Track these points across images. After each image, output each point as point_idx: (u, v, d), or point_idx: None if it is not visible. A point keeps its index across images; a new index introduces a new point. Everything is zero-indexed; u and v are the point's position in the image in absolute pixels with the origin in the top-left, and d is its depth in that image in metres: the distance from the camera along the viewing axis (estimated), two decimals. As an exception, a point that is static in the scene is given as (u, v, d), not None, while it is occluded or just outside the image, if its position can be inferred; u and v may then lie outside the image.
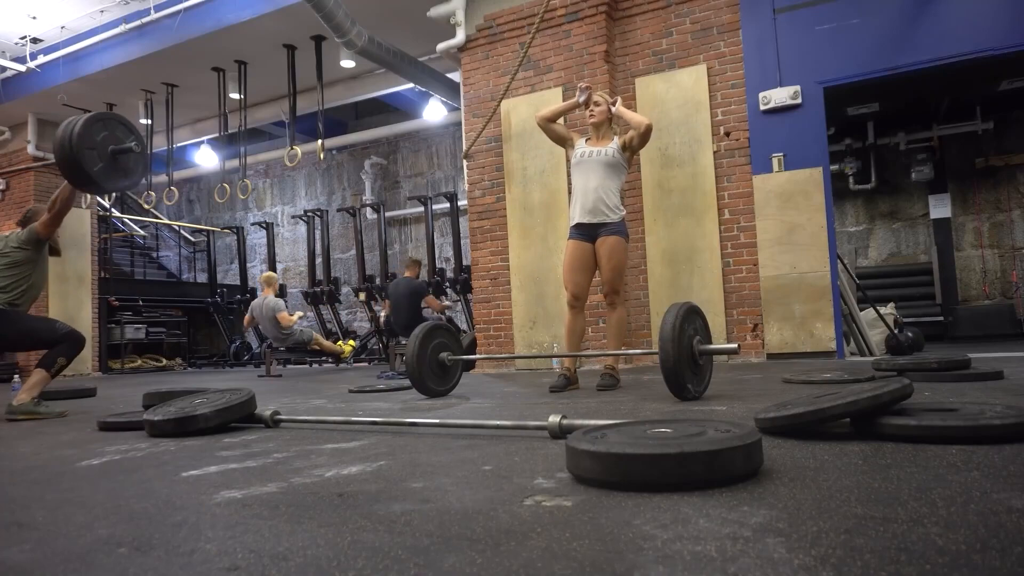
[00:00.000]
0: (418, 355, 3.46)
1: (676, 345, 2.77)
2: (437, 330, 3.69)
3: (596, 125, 3.74)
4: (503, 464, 1.68)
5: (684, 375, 2.81)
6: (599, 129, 3.75)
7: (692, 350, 2.90)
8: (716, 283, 5.57)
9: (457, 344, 3.80)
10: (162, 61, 8.05)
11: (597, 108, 3.73)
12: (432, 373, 3.58)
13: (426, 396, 3.59)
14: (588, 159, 3.68)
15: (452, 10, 6.50)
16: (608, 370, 3.68)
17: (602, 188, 3.63)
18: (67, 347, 3.85)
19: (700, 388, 2.96)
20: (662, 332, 2.81)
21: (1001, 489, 1.21)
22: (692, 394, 2.85)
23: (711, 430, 1.48)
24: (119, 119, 3.79)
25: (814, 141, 5.40)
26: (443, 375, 3.68)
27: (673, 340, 2.77)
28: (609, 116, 3.74)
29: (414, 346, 3.47)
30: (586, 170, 3.68)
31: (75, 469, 1.95)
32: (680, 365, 2.78)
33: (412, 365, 3.45)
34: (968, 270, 9.15)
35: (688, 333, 2.90)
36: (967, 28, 5.01)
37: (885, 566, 0.86)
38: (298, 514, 1.29)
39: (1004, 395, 2.53)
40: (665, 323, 2.83)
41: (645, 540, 1.02)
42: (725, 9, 5.67)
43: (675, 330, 2.79)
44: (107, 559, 1.08)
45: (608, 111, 3.73)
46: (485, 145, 6.34)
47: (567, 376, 3.68)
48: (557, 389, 3.58)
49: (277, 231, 12.72)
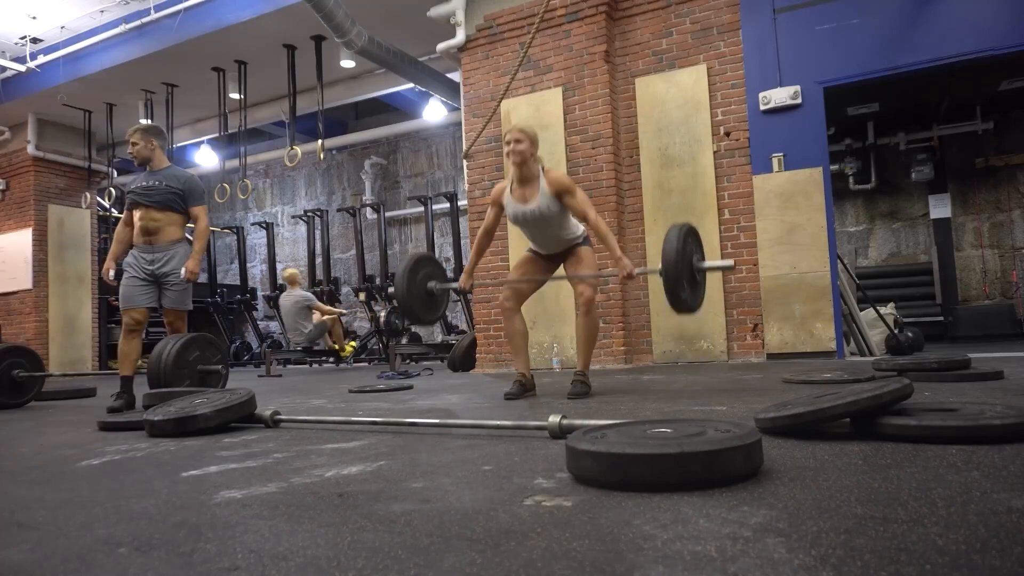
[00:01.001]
0: (407, 285, 3.58)
1: (679, 259, 2.95)
2: (424, 260, 3.80)
3: (518, 166, 3.31)
4: (503, 464, 1.68)
5: (683, 288, 3.00)
6: (521, 170, 3.32)
7: (692, 266, 3.07)
8: (716, 283, 5.57)
9: (443, 274, 3.91)
10: (162, 61, 8.05)
11: (519, 146, 3.26)
12: (421, 303, 3.69)
13: (416, 324, 3.74)
14: (524, 219, 3.36)
15: (452, 10, 6.50)
16: (579, 376, 3.35)
17: (553, 235, 3.41)
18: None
19: (696, 302, 3.16)
20: (666, 248, 2.99)
21: (1001, 489, 1.21)
22: (688, 306, 3.04)
23: (711, 430, 1.48)
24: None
25: (814, 141, 5.40)
26: (431, 304, 3.79)
27: (676, 253, 2.94)
28: (533, 153, 3.31)
29: (403, 276, 3.59)
30: (526, 226, 3.41)
31: (75, 469, 1.95)
32: (680, 278, 2.97)
33: (402, 294, 3.56)
34: (968, 270, 9.15)
35: (690, 250, 3.07)
36: (967, 28, 5.01)
37: (885, 566, 0.86)
38: (298, 514, 1.29)
39: (1004, 395, 2.53)
40: (669, 240, 2.99)
41: (645, 540, 1.02)
42: (725, 9, 5.67)
43: (679, 245, 2.96)
44: (107, 559, 1.08)
45: (529, 151, 3.27)
46: (485, 145, 6.34)
47: (522, 382, 3.42)
48: (512, 396, 3.35)
49: (277, 231, 12.72)
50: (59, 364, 9.50)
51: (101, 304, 10.33)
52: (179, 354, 3.63)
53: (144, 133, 4.07)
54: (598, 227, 3.30)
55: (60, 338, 9.62)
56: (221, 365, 3.81)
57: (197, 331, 4.06)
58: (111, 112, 9.40)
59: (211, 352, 3.83)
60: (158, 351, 3.66)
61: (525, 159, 3.30)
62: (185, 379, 3.62)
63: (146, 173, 4.10)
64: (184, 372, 3.63)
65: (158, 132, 4.23)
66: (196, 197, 4.14)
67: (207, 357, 3.79)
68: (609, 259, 3.39)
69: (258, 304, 11.65)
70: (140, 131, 4.08)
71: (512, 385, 3.43)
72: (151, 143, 4.06)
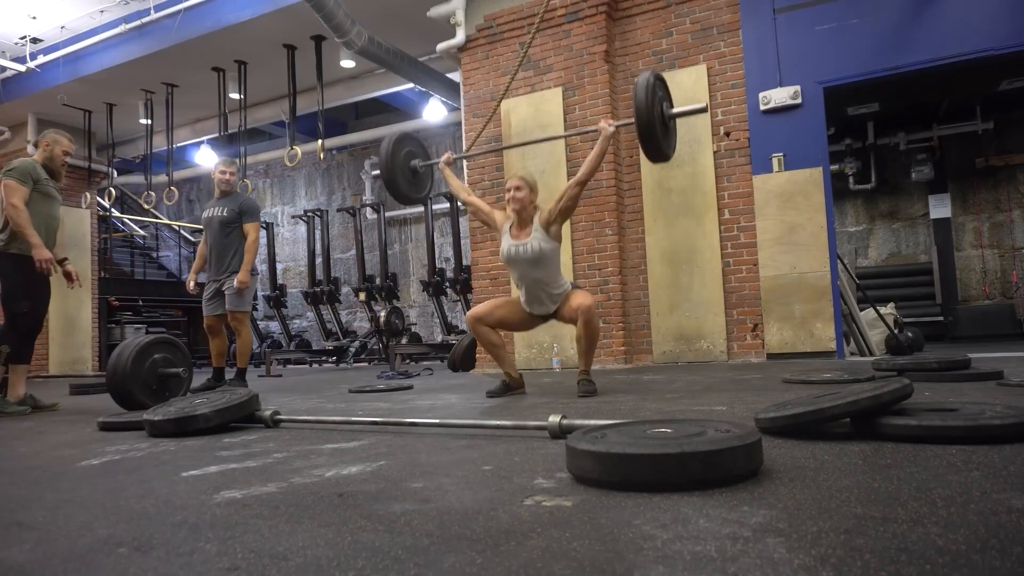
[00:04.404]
0: (391, 160, 3.70)
1: (648, 106, 3.20)
2: (407, 138, 3.92)
3: (517, 212, 3.45)
4: (503, 464, 1.68)
5: (657, 134, 3.27)
6: (520, 215, 3.45)
7: (663, 113, 3.33)
8: (716, 283, 5.57)
9: (425, 154, 4.08)
10: (162, 61, 8.05)
11: (519, 194, 3.40)
12: (405, 179, 3.83)
13: (401, 202, 4.00)
14: (515, 257, 3.42)
15: (452, 10, 6.50)
16: (584, 376, 3.43)
17: (540, 282, 3.44)
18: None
19: (670, 148, 3.45)
20: (636, 98, 3.22)
21: (1001, 489, 1.21)
22: (663, 153, 3.37)
23: (711, 430, 1.48)
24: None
25: (814, 141, 5.40)
26: (415, 181, 3.93)
27: (646, 101, 3.20)
28: (532, 200, 3.44)
29: (387, 150, 3.71)
30: (517, 266, 3.45)
31: (75, 469, 1.95)
32: (653, 125, 3.23)
33: (386, 167, 3.70)
34: (968, 270, 9.15)
35: (659, 96, 3.31)
36: (967, 28, 5.01)
37: (885, 566, 0.86)
38: (298, 514, 1.29)
39: (1004, 395, 2.53)
40: (637, 89, 3.23)
41: (645, 540, 1.02)
42: (725, 9, 5.67)
43: (647, 95, 3.21)
44: (107, 559, 1.08)
45: (528, 199, 3.42)
46: (485, 145, 6.34)
47: (507, 382, 3.53)
48: (493, 394, 3.45)
49: (277, 231, 12.73)
50: (59, 364, 9.50)
51: (101, 304, 10.33)
52: (137, 358, 3.43)
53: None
54: (590, 164, 3.40)
55: (60, 338, 9.62)
56: (183, 368, 3.65)
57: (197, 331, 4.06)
58: (111, 112, 9.40)
59: (174, 355, 3.66)
60: (116, 353, 3.48)
61: (524, 206, 3.44)
62: (143, 383, 3.44)
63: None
64: (142, 375, 3.44)
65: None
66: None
67: (169, 360, 3.61)
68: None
69: (258, 304, 11.65)
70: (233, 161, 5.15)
71: (496, 384, 3.55)
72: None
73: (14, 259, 3.84)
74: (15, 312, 3.84)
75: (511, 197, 3.44)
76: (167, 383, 3.59)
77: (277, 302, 10.98)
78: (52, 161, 4.05)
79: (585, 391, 3.33)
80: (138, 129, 9.88)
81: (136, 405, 3.30)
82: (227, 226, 4.88)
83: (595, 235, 5.85)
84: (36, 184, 3.91)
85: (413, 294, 11.53)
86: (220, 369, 5.02)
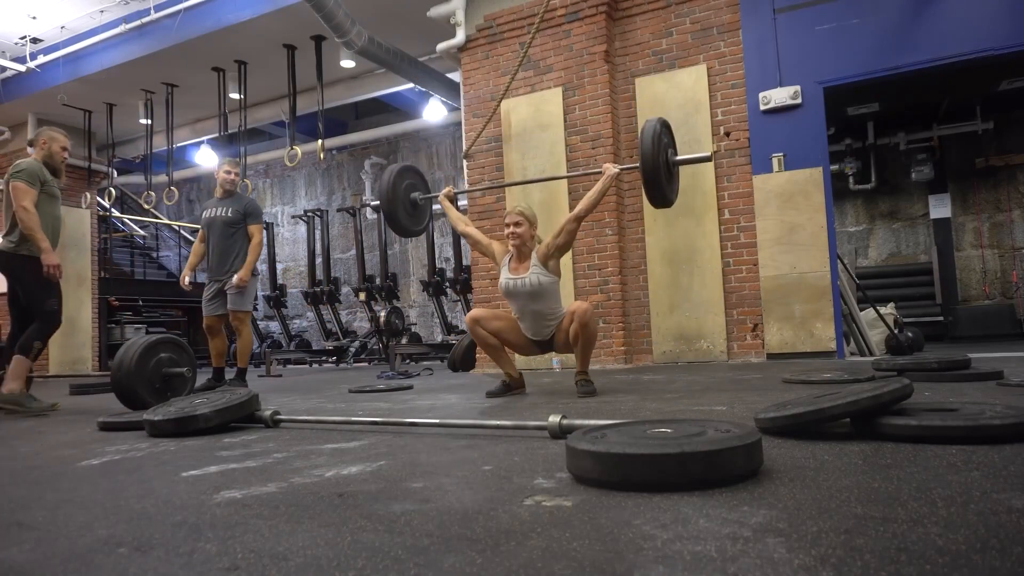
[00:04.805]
0: (392, 193, 3.72)
1: (654, 154, 3.28)
2: (408, 171, 3.91)
3: (516, 248, 3.45)
4: (503, 464, 1.68)
5: (661, 180, 3.34)
6: (520, 250, 3.45)
7: (667, 159, 3.41)
8: (716, 283, 5.57)
9: (426, 187, 4.08)
10: (162, 61, 8.05)
11: (518, 229, 3.40)
12: (405, 212, 3.83)
13: (400, 235, 4.03)
14: (513, 290, 3.43)
15: (452, 10, 6.50)
16: (582, 376, 3.44)
17: (539, 314, 3.44)
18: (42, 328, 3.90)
19: (673, 194, 3.52)
20: (642, 145, 3.28)
21: (1001, 489, 1.21)
22: (667, 199, 3.46)
23: (711, 430, 1.48)
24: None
25: (814, 141, 5.40)
26: (415, 214, 3.94)
27: (653, 148, 3.28)
28: (532, 235, 3.46)
29: (388, 185, 3.72)
30: (515, 299, 3.47)
31: (75, 469, 1.95)
32: (658, 171, 3.30)
33: (386, 200, 3.70)
34: (968, 270, 9.15)
35: (664, 143, 3.39)
36: (967, 28, 5.01)
37: (885, 566, 0.86)
38: (298, 514, 1.29)
39: (1004, 395, 2.53)
40: (644, 136, 3.30)
41: (645, 540, 1.02)
42: (725, 9, 5.67)
43: (653, 142, 3.29)
44: (107, 559, 1.08)
45: (528, 234, 3.42)
46: (485, 145, 6.34)
47: (507, 382, 3.55)
48: (493, 394, 3.47)
49: (277, 231, 12.73)
50: (59, 364, 9.50)
51: (101, 304, 10.33)
52: (142, 357, 3.45)
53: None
54: (590, 201, 3.40)
55: (60, 338, 9.59)
56: (187, 368, 3.67)
57: (197, 332, 4.07)
58: (111, 112, 9.40)
59: (179, 355, 3.68)
60: (121, 351, 3.50)
61: (524, 241, 3.44)
62: (148, 383, 3.46)
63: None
64: (147, 375, 3.46)
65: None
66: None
67: (174, 360, 3.63)
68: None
69: (258, 304, 11.65)
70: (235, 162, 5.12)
71: (496, 384, 3.57)
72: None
73: (26, 261, 3.87)
74: (46, 311, 3.91)
75: (510, 233, 3.42)
76: (171, 383, 3.60)
77: (277, 302, 10.98)
78: (52, 159, 4.07)
79: (584, 391, 3.33)
80: (138, 129, 9.88)
81: (140, 404, 3.32)
82: (231, 227, 4.89)
83: (595, 235, 5.85)
84: (43, 186, 3.94)
85: (413, 294, 11.53)
86: (220, 369, 5.06)
